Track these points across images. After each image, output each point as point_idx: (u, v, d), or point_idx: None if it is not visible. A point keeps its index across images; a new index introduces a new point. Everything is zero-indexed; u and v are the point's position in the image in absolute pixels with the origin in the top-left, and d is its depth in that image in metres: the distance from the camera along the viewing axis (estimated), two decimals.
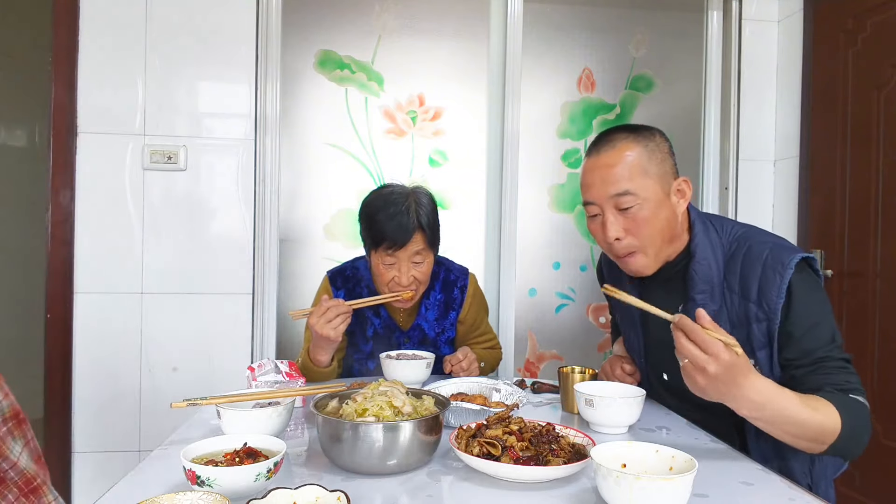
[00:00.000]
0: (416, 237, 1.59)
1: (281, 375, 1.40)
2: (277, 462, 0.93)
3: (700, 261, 1.30)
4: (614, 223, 1.30)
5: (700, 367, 1.01)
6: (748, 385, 1.03)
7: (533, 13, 2.70)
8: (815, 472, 1.30)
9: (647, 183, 1.28)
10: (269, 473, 0.91)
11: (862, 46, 2.41)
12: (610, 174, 1.29)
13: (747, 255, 1.27)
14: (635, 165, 1.28)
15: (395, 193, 1.63)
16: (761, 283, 1.23)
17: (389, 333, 1.78)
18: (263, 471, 0.90)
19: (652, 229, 1.29)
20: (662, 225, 1.30)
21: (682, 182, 1.33)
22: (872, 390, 2.22)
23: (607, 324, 2.80)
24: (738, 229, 1.34)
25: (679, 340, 1.04)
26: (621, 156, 1.29)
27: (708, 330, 1.02)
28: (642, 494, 0.81)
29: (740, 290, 1.26)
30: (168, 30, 2.41)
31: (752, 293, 1.24)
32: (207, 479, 0.87)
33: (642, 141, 1.31)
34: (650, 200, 1.28)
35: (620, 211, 1.29)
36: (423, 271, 1.65)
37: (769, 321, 1.23)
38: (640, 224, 1.29)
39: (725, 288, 1.29)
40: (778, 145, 2.79)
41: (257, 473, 0.89)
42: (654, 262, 1.33)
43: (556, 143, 2.75)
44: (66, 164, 2.36)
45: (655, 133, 1.34)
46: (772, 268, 1.22)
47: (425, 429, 1.00)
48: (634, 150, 1.29)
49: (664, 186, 1.30)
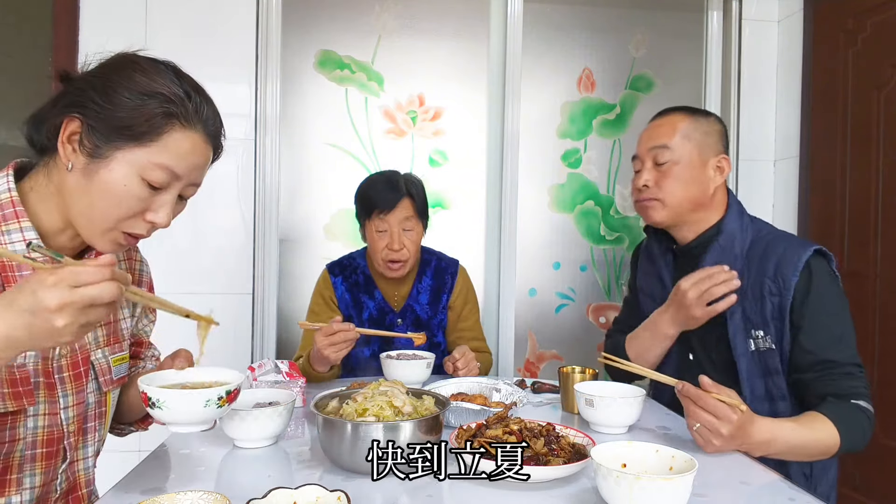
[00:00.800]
0: (406, 202, 1.74)
1: (281, 375, 1.40)
2: (230, 391, 0.93)
3: (727, 234, 1.41)
4: (648, 172, 1.45)
5: (714, 431, 1.08)
6: (755, 431, 1.11)
7: (533, 13, 2.70)
8: (815, 470, 1.32)
9: (686, 144, 1.42)
10: (221, 401, 0.92)
11: (862, 46, 2.41)
12: (656, 132, 1.46)
13: (773, 241, 1.37)
14: (680, 129, 1.44)
15: (385, 171, 1.86)
16: (779, 261, 1.32)
17: (383, 316, 1.83)
18: (214, 397, 0.91)
19: (677, 185, 1.42)
20: (689, 187, 1.42)
21: (723, 159, 1.45)
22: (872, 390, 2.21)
23: (607, 324, 2.80)
24: (772, 228, 1.45)
25: (689, 408, 1.11)
26: (671, 120, 1.46)
27: (712, 394, 1.09)
28: (642, 494, 0.81)
29: (759, 266, 1.35)
30: (168, 30, 2.41)
31: (769, 269, 1.33)
32: (158, 400, 0.89)
33: (694, 115, 1.46)
34: (684, 160, 1.42)
35: (656, 165, 1.44)
36: (414, 240, 1.76)
37: (781, 296, 1.30)
38: (669, 178, 1.42)
39: (746, 265, 1.38)
40: (778, 145, 2.79)
41: (207, 399, 0.90)
42: (669, 216, 1.44)
43: (556, 143, 2.75)
44: None
45: (711, 115, 1.49)
46: (793, 250, 1.32)
47: (425, 429, 1.00)
48: (685, 119, 1.45)
49: (702, 155, 1.43)
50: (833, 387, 1.24)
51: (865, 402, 1.23)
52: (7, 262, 0.92)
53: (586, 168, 2.77)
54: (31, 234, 0.92)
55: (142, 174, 0.90)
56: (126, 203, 0.90)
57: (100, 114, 0.89)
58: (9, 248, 0.89)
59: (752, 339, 1.34)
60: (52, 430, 0.98)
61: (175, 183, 0.94)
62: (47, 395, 0.97)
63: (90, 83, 0.91)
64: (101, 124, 0.89)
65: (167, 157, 0.91)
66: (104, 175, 0.89)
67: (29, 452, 0.96)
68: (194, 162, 0.95)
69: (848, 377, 1.25)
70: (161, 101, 0.90)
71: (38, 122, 0.95)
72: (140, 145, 0.89)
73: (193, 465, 1.06)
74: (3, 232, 0.91)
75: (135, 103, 0.89)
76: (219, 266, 2.43)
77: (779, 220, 2.76)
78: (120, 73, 0.91)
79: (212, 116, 0.97)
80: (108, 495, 0.91)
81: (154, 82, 0.90)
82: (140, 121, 0.89)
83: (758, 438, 1.12)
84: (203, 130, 0.95)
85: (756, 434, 1.11)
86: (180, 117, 0.91)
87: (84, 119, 0.89)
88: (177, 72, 0.95)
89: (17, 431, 0.94)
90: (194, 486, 0.94)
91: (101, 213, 0.91)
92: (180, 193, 0.97)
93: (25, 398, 0.93)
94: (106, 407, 1.09)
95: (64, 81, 0.95)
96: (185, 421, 0.92)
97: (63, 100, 0.93)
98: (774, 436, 1.14)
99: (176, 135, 0.91)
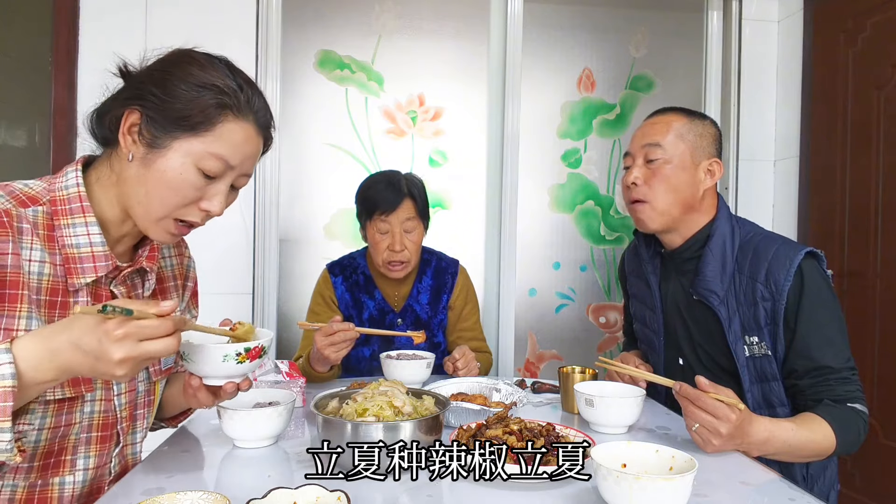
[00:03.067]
0: (407, 203, 1.73)
1: (281, 375, 1.40)
2: (249, 348, 0.94)
3: (716, 240, 1.38)
4: (638, 169, 1.42)
5: (714, 431, 1.08)
6: (754, 430, 1.12)
7: (533, 13, 2.70)
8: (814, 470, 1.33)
9: (678, 144, 1.40)
10: (241, 357, 0.93)
11: (862, 46, 2.41)
12: (650, 129, 1.44)
13: (761, 243, 1.35)
14: (674, 128, 1.41)
15: (386, 171, 1.84)
16: (770, 265, 1.30)
17: (383, 316, 1.83)
18: (232, 353, 0.93)
19: (667, 186, 1.39)
20: (679, 188, 1.39)
21: (714, 163, 1.42)
22: (872, 390, 2.22)
23: (607, 324, 2.80)
24: (758, 228, 1.43)
25: (687, 408, 1.11)
26: (666, 120, 1.44)
27: (710, 393, 1.09)
28: (642, 494, 0.81)
29: (750, 271, 1.34)
30: (168, 30, 2.41)
31: (760, 274, 1.31)
32: (184, 353, 0.94)
33: (689, 116, 1.44)
34: (675, 160, 1.39)
35: (647, 162, 1.41)
36: (415, 241, 1.76)
37: (774, 301, 1.29)
38: (659, 177, 1.39)
39: (736, 270, 1.36)
40: (778, 145, 2.80)
41: (225, 354, 0.92)
42: (658, 218, 1.42)
43: (556, 143, 2.75)
44: (66, 164, 2.36)
45: (707, 118, 1.46)
46: (783, 253, 1.31)
47: (425, 429, 1.00)
48: (680, 120, 1.42)
49: (694, 157, 1.40)
50: (829, 392, 1.25)
51: (861, 405, 1.24)
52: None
53: (586, 168, 2.77)
54: (95, 229, 0.96)
55: (197, 163, 0.93)
56: (182, 191, 0.94)
57: (158, 105, 0.92)
58: (73, 239, 0.95)
59: (746, 345, 1.33)
60: (108, 416, 1.03)
61: (228, 172, 0.97)
62: (103, 381, 1.01)
63: (149, 76, 0.95)
64: (160, 115, 0.92)
65: (221, 147, 0.94)
66: (161, 164, 0.93)
67: (84, 436, 1.00)
68: (246, 151, 0.98)
69: (843, 382, 1.25)
70: (215, 92, 0.93)
71: (100, 115, 0.99)
72: (196, 135, 0.93)
73: (193, 465, 1.06)
74: (70, 225, 0.95)
75: (191, 95, 0.92)
76: (219, 266, 2.43)
77: (779, 220, 2.77)
78: (177, 66, 0.95)
79: (262, 108, 1.00)
80: (108, 495, 0.91)
81: (209, 75, 0.94)
82: (195, 111, 0.92)
83: (756, 438, 1.12)
84: (254, 121, 0.98)
85: (755, 433, 1.12)
86: (233, 108, 0.95)
87: (143, 111, 0.93)
88: (230, 66, 0.99)
89: (73, 416, 0.97)
90: (194, 486, 0.94)
91: (157, 200, 0.94)
92: (233, 183, 1.00)
93: (84, 384, 0.97)
94: (154, 395, 1.14)
95: (123, 76, 0.98)
96: (207, 373, 0.96)
97: (123, 93, 0.97)
98: (773, 435, 1.14)
99: (229, 125, 0.95)
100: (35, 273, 0.91)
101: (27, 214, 0.92)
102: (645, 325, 1.57)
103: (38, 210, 0.94)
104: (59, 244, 0.94)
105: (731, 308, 1.34)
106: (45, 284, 0.93)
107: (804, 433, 1.17)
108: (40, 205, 0.95)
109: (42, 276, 0.92)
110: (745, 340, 1.33)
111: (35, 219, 0.93)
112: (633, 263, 1.63)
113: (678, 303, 1.45)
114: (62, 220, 0.95)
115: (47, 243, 0.94)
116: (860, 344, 2.31)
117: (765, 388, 1.32)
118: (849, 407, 1.22)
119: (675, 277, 1.47)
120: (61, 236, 0.95)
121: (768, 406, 1.33)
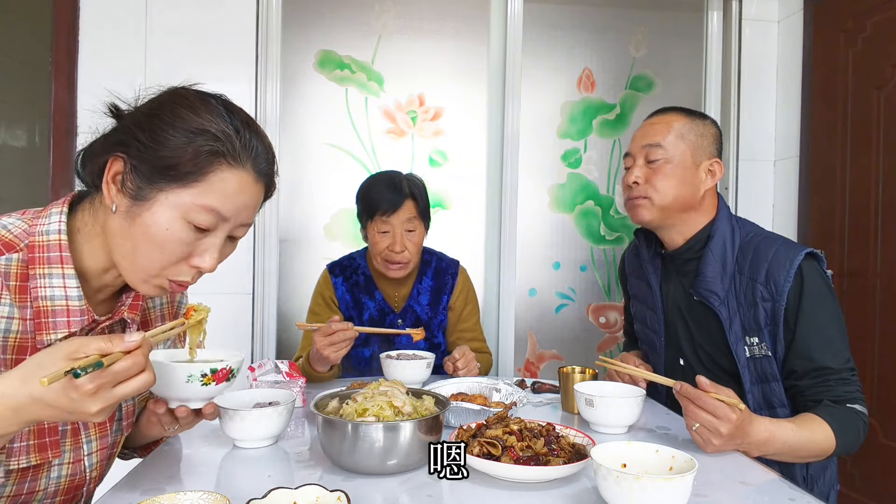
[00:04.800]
0: (408, 204, 1.73)
1: (281, 375, 1.40)
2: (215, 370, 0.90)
3: (717, 240, 1.39)
4: (639, 169, 1.43)
5: (714, 431, 1.08)
6: (754, 430, 1.12)
7: (533, 13, 2.70)
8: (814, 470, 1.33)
9: (679, 144, 1.40)
10: (206, 379, 0.89)
11: (862, 46, 2.41)
12: (651, 129, 1.44)
13: (761, 243, 1.36)
14: (675, 129, 1.42)
15: (388, 171, 1.84)
16: (770, 266, 1.31)
17: (383, 316, 1.83)
18: (196, 373, 0.89)
19: (668, 185, 1.39)
20: (679, 188, 1.39)
21: (715, 163, 1.43)
22: (872, 390, 2.22)
23: (607, 324, 2.80)
24: (758, 229, 1.43)
25: (688, 408, 1.11)
26: (666, 119, 1.44)
27: (710, 393, 1.09)
28: (642, 494, 0.81)
29: (750, 272, 1.34)
30: (168, 30, 2.41)
31: (760, 275, 1.32)
32: None
33: (690, 116, 1.44)
34: (676, 159, 1.39)
35: (648, 162, 1.42)
36: (415, 242, 1.75)
37: (774, 301, 1.29)
38: (660, 176, 1.40)
39: (736, 270, 1.36)
40: (778, 145, 2.79)
41: (189, 375, 0.89)
42: (658, 216, 1.42)
43: (556, 143, 2.75)
44: (66, 164, 2.36)
45: (707, 118, 1.46)
46: (783, 253, 1.31)
47: (425, 429, 1.00)
48: (681, 119, 1.42)
49: (695, 157, 1.40)
50: (829, 393, 1.25)
51: (861, 406, 1.24)
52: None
53: (586, 168, 2.77)
54: (72, 282, 0.88)
55: (186, 216, 0.85)
56: (169, 248, 0.86)
57: (143, 153, 0.84)
58: (47, 290, 0.86)
59: (746, 346, 1.33)
60: (75, 478, 0.95)
61: (222, 224, 0.89)
62: (73, 443, 0.94)
63: (136, 120, 0.87)
64: (145, 164, 0.84)
65: (213, 198, 0.85)
66: (146, 218, 0.84)
67: (49, 501, 0.92)
68: (242, 202, 0.89)
69: (843, 383, 1.25)
70: (207, 138, 0.84)
71: (86, 159, 0.92)
72: (184, 186, 0.84)
73: (193, 465, 1.06)
74: (46, 275, 0.87)
75: (179, 141, 0.84)
76: (219, 266, 2.43)
77: (779, 220, 2.77)
78: (166, 109, 0.86)
79: (263, 153, 0.91)
80: (108, 495, 0.91)
81: (201, 118, 0.85)
82: (184, 160, 0.84)
83: (756, 438, 1.12)
84: (253, 168, 0.89)
85: (755, 433, 1.12)
86: (227, 156, 0.86)
87: (128, 158, 0.85)
88: (227, 106, 0.90)
89: (38, 482, 0.90)
90: (194, 486, 0.94)
91: (144, 258, 0.86)
92: (230, 234, 0.92)
93: (51, 450, 0.90)
94: (119, 445, 1.07)
95: (115, 117, 0.90)
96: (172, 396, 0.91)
97: (111, 136, 0.89)
98: (773, 435, 1.14)
99: (222, 174, 0.86)
100: (1, 330, 0.84)
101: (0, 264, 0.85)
102: (646, 325, 1.57)
103: (11, 258, 0.86)
104: (32, 296, 0.86)
105: (731, 309, 1.34)
106: (12, 342, 0.85)
107: (804, 434, 1.17)
108: (16, 251, 0.86)
109: (9, 332, 0.84)
110: (746, 341, 1.33)
111: (8, 269, 0.85)
112: (633, 264, 1.63)
113: (679, 303, 1.46)
114: (38, 269, 0.86)
115: (18, 295, 0.85)
116: (860, 344, 2.31)
117: (765, 389, 1.33)
118: (848, 408, 1.22)
119: (676, 278, 1.47)
120: (34, 287, 0.86)
121: (769, 407, 1.33)
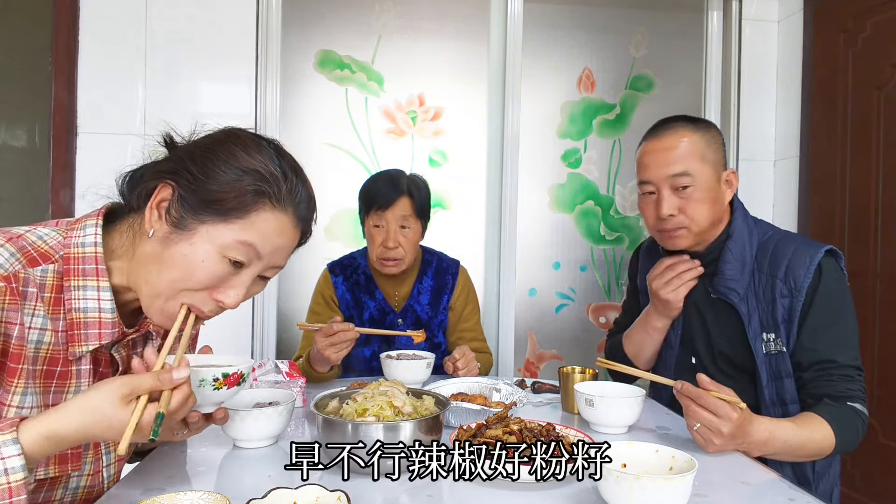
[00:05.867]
0: (404, 200, 1.73)
1: (281, 375, 1.40)
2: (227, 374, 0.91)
3: (735, 239, 1.40)
4: (669, 200, 1.39)
5: (715, 430, 1.08)
6: (754, 430, 1.12)
7: (533, 13, 2.70)
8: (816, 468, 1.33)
9: (703, 167, 1.38)
10: (218, 383, 0.90)
11: (862, 46, 2.41)
12: (670, 156, 1.38)
13: (781, 241, 1.37)
14: (694, 150, 1.38)
15: (391, 170, 1.85)
16: (791, 263, 1.32)
17: (384, 316, 1.83)
18: (209, 377, 0.90)
19: (702, 210, 1.38)
20: (711, 209, 1.39)
21: (731, 174, 1.44)
22: (872, 390, 2.22)
23: (607, 324, 2.80)
24: (775, 228, 1.45)
25: (689, 407, 1.11)
26: (680, 140, 1.39)
27: (711, 392, 1.09)
28: (642, 494, 0.81)
29: (769, 268, 1.35)
30: (168, 30, 2.41)
31: (780, 271, 1.33)
32: None
33: (700, 129, 1.41)
34: (704, 183, 1.38)
35: (675, 190, 1.39)
36: (410, 239, 1.75)
37: (793, 297, 1.30)
38: (693, 204, 1.38)
39: (756, 268, 1.37)
40: (778, 145, 2.79)
41: (201, 380, 0.90)
42: (695, 241, 1.43)
43: (556, 143, 2.75)
44: (66, 164, 2.36)
45: (711, 125, 1.45)
46: (804, 251, 1.32)
47: (425, 429, 1.00)
48: (693, 136, 1.39)
49: (717, 173, 1.41)
50: (830, 388, 1.24)
51: (861, 406, 1.24)
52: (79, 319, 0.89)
53: (586, 168, 2.77)
54: (107, 295, 0.89)
55: (223, 251, 0.87)
56: (197, 276, 0.87)
57: (192, 184, 0.87)
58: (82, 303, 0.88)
59: (763, 342, 1.34)
60: (93, 490, 0.95)
61: (255, 262, 0.90)
62: (93, 455, 0.95)
63: (190, 152, 0.90)
64: (192, 195, 0.87)
65: (251, 235, 0.88)
66: (184, 248, 0.86)
67: None
68: (279, 244, 0.91)
69: (846, 379, 1.25)
70: (255, 178, 0.88)
71: (133, 181, 0.94)
72: (226, 222, 0.87)
73: (193, 465, 1.06)
74: (80, 287, 0.88)
75: (229, 178, 0.87)
76: None
77: (779, 219, 2.76)
78: (221, 145, 0.89)
79: (305, 200, 0.94)
80: (109, 495, 0.91)
81: (252, 158, 0.89)
82: (231, 196, 0.86)
83: (757, 437, 1.12)
84: (294, 213, 0.92)
85: (755, 433, 1.12)
86: (272, 197, 0.89)
87: (176, 187, 0.87)
88: (279, 150, 0.94)
89: (54, 493, 0.90)
90: (194, 486, 0.94)
91: (167, 281, 0.87)
92: (260, 274, 0.93)
93: (71, 463, 0.90)
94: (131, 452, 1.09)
95: (167, 146, 0.93)
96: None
97: (161, 164, 0.92)
98: (773, 435, 1.14)
99: (265, 214, 0.88)
100: (34, 341, 0.85)
101: (35, 275, 0.85)
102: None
103: (47, 270, 0.86)
104: (66, 307, 0.88)
105: (750, 305, 1.35)
106: (44, 353, 0.87)
107: (804, 433, 1.17)
108: (52, 262, 0.87)
109: (41, 344, 0.86)
110: (763, 338, 1.34)
111: (43, 280, 0.86)
112: (649, 261, 1.63)
113: (696, 302, 1.46)
114: (73, 280, 0.88)
115: (52, 307, 0.87)
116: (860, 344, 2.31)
117: (779, 386, 1.33)
118: (848, 406, 1.22)
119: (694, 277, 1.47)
120: (69, 299, 0.87)
121: (782, 403, 1.33)
